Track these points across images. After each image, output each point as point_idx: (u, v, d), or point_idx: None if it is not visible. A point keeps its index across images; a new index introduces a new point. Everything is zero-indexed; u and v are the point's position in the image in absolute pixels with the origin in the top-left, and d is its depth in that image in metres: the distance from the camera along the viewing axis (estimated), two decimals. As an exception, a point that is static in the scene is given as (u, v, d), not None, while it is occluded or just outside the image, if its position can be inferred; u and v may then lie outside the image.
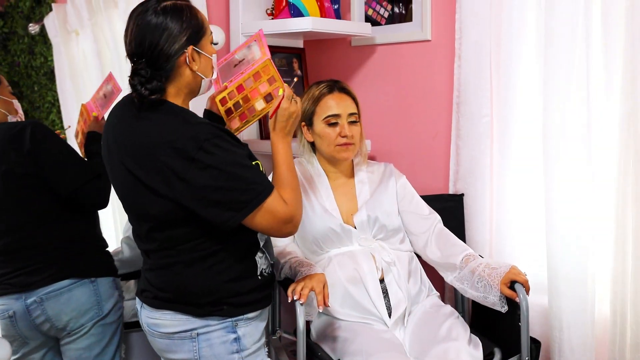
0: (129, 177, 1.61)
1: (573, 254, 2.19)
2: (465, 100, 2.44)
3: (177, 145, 1.53)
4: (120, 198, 1.72)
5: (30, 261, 2.03)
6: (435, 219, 2.27)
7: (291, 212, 1.63)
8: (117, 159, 1.64)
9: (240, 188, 1.55)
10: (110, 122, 1.71)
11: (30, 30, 2.97)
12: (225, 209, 1.55)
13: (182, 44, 1.59)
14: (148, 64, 1.58)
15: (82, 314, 2.05)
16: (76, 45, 3.04)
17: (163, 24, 1.57)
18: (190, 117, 1.60)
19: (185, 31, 1.60)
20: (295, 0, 2.49)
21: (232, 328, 1.68)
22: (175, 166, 1.53)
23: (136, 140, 1.59)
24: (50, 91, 2.96)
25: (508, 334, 2.08)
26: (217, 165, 1.53)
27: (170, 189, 1.55)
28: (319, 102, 2.20)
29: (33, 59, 2.94)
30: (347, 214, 2.23)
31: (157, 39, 1.57)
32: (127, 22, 1.61)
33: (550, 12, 2.15)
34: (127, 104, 1.67)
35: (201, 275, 1.65)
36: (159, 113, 1.60)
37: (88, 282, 2.06)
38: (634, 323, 2.12)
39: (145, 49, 1.57)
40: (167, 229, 1.63)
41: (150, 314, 1.72)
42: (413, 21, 2.62)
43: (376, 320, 2.10)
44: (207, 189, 1.53)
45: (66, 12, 3.03)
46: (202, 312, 1.66)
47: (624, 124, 2.08)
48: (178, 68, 1.61)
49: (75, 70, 3.03)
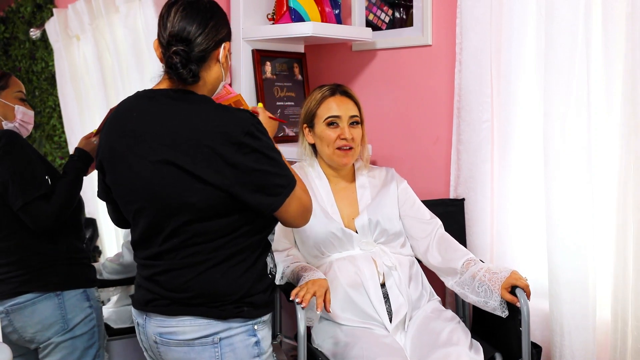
0: (168, 167, 1.56)
1: (574, 259, 2.18)
2: (466, 106, 2.44)
3: (224, 130, 1.53)
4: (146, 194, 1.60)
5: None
6: (437, 224, 2.28)
7: (309, 199, 1.67)
8: (141, 152, 1.58)
9: (279, 173, 1.58)
10: (129, 116, 1.63)
11: (32, 35, 2.97)
12: (267, 194, 1.57)
13: (222, 37, 1.63)
14: (186, 45, 1.58)
15: (46, 328, 2.03)
16: (77, 50, 3.05)
17: (210, 13, 1.61)
18: (227, 106, 1.62)
19: (226, 27, 1.65)
20: (296, 5, 2.50)
21: (253, 331, 1.65)
22: (224, 151, 1.52)
23: (177, 129, 1.56)
24: (51, 96, 2.96)
25: (509, 338, 2.08)
26: (262, 150, 1.55)
27: (218, 175, 1.53)
28: (321, 104, 2.21)
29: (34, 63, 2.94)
30: (348, 218, 2.23)
31: (203, 25, 1.59)
32: (167, 7, 1.62)
33: (550, 17, 2.16)
34: (148, 95, 1.64)
35: (227, 274, 1.61)
36: (194, 103, 1.59)
37: (53, 296, 2.04)
38: (635, 328, 2.12)
39: (189, 33, 1.58)
40: (205, 219, 1.58)
41: (164, 322, 1.64)
42: (414, 26, 2.63)
43: (377, 325, 2.10)
44: (254, 173, 1.54)
45: (67, 17, 3.03)
46: (224, 314, 1.61)
47: (624, 130, 2.08)
48: (210, 61, 1.62)
49: (76, 74, 3.03)
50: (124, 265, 2.53)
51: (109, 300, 2.79)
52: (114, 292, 2.75)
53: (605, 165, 2.19)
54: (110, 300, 2.79)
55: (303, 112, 2.28)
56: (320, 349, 2.12)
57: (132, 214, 1.66)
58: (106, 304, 2.76)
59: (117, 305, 2.76)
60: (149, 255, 1.65)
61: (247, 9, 2.62)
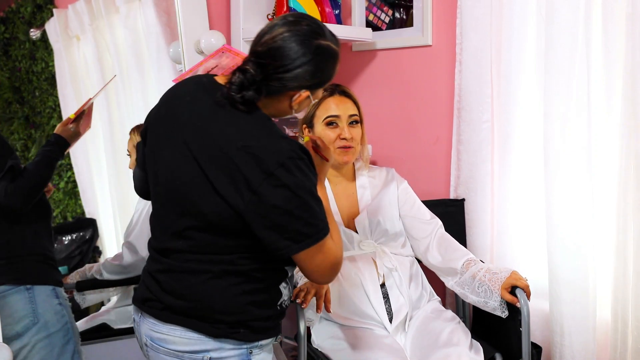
0: (192, 164, 1.48)
1: (574, 259, 2.19)
2: (466, 106, 2.44)
3: (257, 154, 1.41)
4: (166, 182, 1.55)
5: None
6: (437, 224, 2.28)
7: (339, 255, 1.52)
8: (182, 140, 1.50)
9: (306, 219, 1.44)
10: (182, 99, 1.56)
11: (32, 36, 2.97)
12: (285, 237, 1.44)
13: (302, 85, 1.49)
14: (262, 70, 1.47)
15: (16, 321, 2.00)
16: (77, 51, 3.05)
17: (305, 59, 1.46)
18: (278, 130, 1.49)
19: (315, 78, 1.50)
20: (296, 6, 2.50)
21: (247, 356, 1.55)
22: (250, 175, 1.41)
23: (214, 132, 1.46)
24: (51, 96, 2.96)
25: (509, 339, 2.08)
26: (293, 188, 1.41)
27: (236, 196, 1.43)
28: (320, 104, 2.21)
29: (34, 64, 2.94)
30: (349, 218, 2.23)
31: (290, 65, 1.46)
32: (276, 23, 1.49)
33: (550, 18, 2.16)
34: (206, 86, 1.55)
35: (228, 291, 1.52)
36: (246, 114, 1.48)
37: (23, 289, 2.01)
38: (635, 328, 2.12)
39: (273, 60, 1.46)
40: (211, 232, 1.50)
41: (155, 326, 1.57)
42: (414, 26, 2.63)
43: (377, 326, 2.10)
44: (275, 210, 1.42)
45: (67, 17, 3.03)
46: (217, 333, 1.52)
47: (624, 130, 2.08)
48: (281, 95, 1.50)
49: (76, 75, 3.03)
50: (124, 266, 2.53)
51: (109, 300, 2.79)
52: (114, 292, 2.75)
53: (605, 165, 2.19)
54: (111, 301, 2.79)
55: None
56: (320, 349, 2.12)
57: (152, 194, 1.62)
58: (106, 304, 2.76)
59: (117, 305, 2.76)
60: (158, 248, 1.60)
61: (247, 9, 2.62)
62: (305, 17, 1.52)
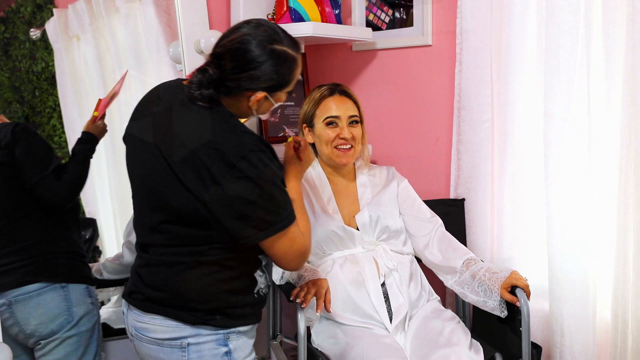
0: (161, 163, 1.58)
1: (574, 259, 2.19)
2: (466, 106, 2.44)
3: (220, 148, 1.51)
4: (141, 181, 1.67)
5: (1, 261, 2.00)
6: (437, 223, 2.28)
7: (306, 244, 1.62)
8: (152, 141, 1.61)
9: (269, 208, 1.54)
10: (152, 102, 1.67)
11: (32, 36, 2.97)
12: (249, 226, 1.53)
13: (258, 87, 1.58)
14: (220, 70, 1.56)
15: (51, 320, 2.01)
16: (77, 51, 3.05)
17: (259, 62, 1.55)
18: (240, 126, 1.58)
19: (270, 80, 1.58)
20: (296, 5, 2.50)
21: (224, 341, 1.64)
22: (213, 168, 1.51)
23: (180, 131, 1.56)
24: (51, 96, 2.96)
25: (509, 339, 2.08)
26: (255, 179, 1.51)
27: (202, 188, 1.52)
28: (320, 104, 2.21)
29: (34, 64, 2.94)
30: (349, 216, 2.24)
31: (245, 67, 1.55)
32: (238, 26, 1.58)
33: (551, 18, 2.16)
34: (173, 89, 1.65)
35: (201, 281, 1.61)
36: (209, 111, 1.57)
37: (59, 287, 2.03)
38: (635, 329, 2.12)
39: (230, 61, 1.55)
40: (183, 224, 1.59)
41: (139, 317, 1.67)
42: (414, 26, 2.63)
43: (377, 325, 2.10)
44: (239, 201, 1.51)
45: (67, 17, 3.03)
46: (194, 320, 1.61)
47: (624, 130, 2.09)
48: (239, 95, 1.60)
49: (76, 75, 3.03)
50: (124, 265, 2.53)
51: (109, 300, 2.79)
52: (114, 292, 2.75)
53: (605, 165, 2.19)
54: (110, 300, 2.79)
55: (302, 112, 2.28)
56: (320, 349, 2.12)
57: (132, 194, 1.72)
58: (106, 304, 2.76)
59: (117, 305, 2.76)
60: (139, 244, 1.71)
61: (247, 9, 2.62)
62: (266, 24, 1.60)
